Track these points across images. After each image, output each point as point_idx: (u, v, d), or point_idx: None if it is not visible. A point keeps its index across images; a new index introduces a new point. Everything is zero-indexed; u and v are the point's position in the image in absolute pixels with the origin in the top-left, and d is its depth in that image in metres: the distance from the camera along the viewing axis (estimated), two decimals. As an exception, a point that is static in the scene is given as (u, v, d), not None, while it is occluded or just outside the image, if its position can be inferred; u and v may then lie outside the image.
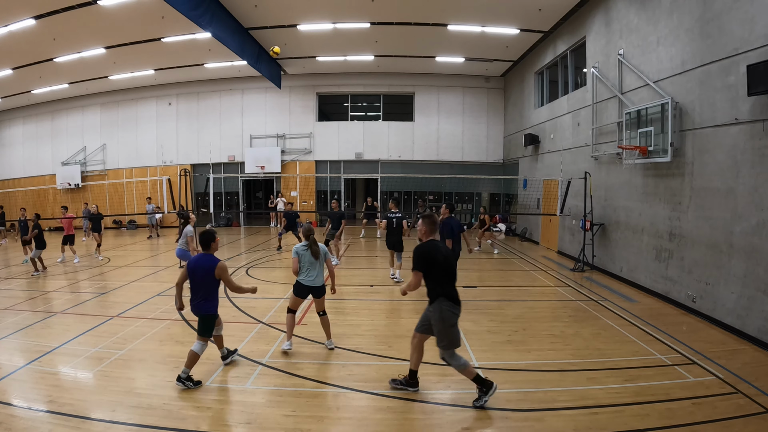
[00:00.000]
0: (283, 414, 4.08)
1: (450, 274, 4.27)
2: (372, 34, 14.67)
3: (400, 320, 6.93)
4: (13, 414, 4.02)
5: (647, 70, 8.68)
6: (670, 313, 7.34)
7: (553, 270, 10.84)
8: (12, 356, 5.41)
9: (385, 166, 20.03)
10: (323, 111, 21.08)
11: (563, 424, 3.93)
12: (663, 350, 5.63)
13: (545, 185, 14.37)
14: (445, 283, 4.20)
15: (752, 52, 6.01)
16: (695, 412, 4.12)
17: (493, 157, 20.18)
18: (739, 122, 6.30)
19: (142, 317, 6.94)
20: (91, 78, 18.36)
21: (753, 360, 5.35)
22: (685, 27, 7.51)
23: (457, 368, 4.25)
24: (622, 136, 9.45)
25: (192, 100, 20.81)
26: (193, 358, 4.57)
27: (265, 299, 8.09)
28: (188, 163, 20.43)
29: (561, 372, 4.98)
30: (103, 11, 11.79)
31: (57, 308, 7.50)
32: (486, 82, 19.96)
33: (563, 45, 13.26)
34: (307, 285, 5.35)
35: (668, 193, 8.03)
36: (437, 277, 4.18)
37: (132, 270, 10.93)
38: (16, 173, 22.40)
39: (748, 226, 6.10)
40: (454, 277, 4.34)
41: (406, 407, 4.23)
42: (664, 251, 8.09)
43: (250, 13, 12.92)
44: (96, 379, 4.77)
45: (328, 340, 5.63)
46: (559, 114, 13.52)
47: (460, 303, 4.26)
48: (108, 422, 3.89)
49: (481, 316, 7.08)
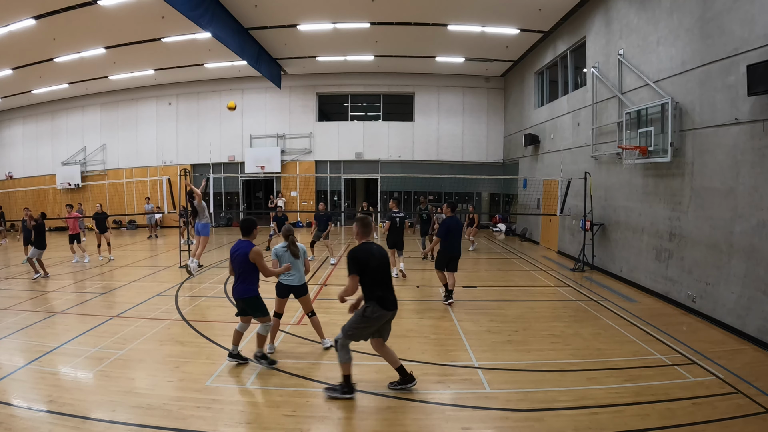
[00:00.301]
0: (283, 414, 4.08)
1: (383, 276, 4.27)
2: (372, 34, 14.67)
3: (400, 320, 6.92)
4: (13, 414, 4.02)
5: (647, 70, 8.69)
6: (670, 313, 7.34)
7: (553, 270, 10.85)
8: (12, 356, 5.41)
9: (385, 166, 20.03)
10: (323, 111, 21.09)
11: (563, 424, 3.92)
12: (663, 350, 5.63)
13: (545, 185, 14.37)
14: (378, 286, 4.22)
15: (752, 52, 6.01)
16: (695, 412, 4.12)
17: (493, 157, 20.18)
18: (739, 122, 6.30)
19: (142, 317, 6.94)
20: (91, 78, 18.37)
21: (753, 360, 5.35)
22: (685, 27, 7.51)
23: (340, 359, 4.29)
24: (622, 136, 9.45)
25: (192, 100, 20.82)
26: (262, 339, 5.04)
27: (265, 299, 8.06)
28: (188, 163, 20.42)
29: (561, 372, 4.98)
30: (103, 11, 11.79)
31: (57, 308, 7.50)
32: (486, 82, 19.96)
33: (563, 45, 13.27)
34: (287, 284, 5.39)
35: (668, 193, 8.03)
36: (371, 280, 4.20)
37: (132, 270, 10.93)
38: (16, 173, 22.41)
39: (748, 226, 6.10)
40: (388, 279, 4.34)
41: (406, 407, 4.23)
42: (664, 251, 8.09)
43: (250, 13, 12.92)
44: (96, 379, 4.77)
45: (323, 339, 5.63)
46: (559, 114, 13.52)
47: (393, 307, 4.29)
48: (108, 422, 3.89)
49: (481, 316, 7.08)
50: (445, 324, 6.67)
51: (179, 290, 8.71)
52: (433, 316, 7.11)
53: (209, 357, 5.34)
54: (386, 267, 4.34)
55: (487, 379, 4.80)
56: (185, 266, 9.60)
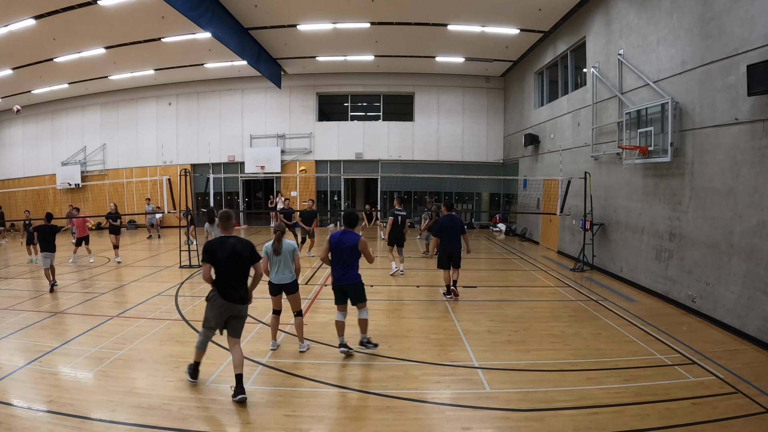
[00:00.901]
0: (283, 414, 4.08)
1: (230, 269, 4.38)
2: (372, 34, 14.67)
3: (400, 320, 6.93)
4: (13, 414, 4.02)
5: (647, 70, 8.68)
6: (670, 313, 7.34)
7: (553, 270, 10.85)
8: (12, 356, 5.41)
9: (385, 166, 20.03)
10: (323, 111, 21.09)
11: (563, 424, 3.93)
12: (663, 350, 5.63)
13: (545, 185, 14.37)
14: (222, 276, 4.39)
15: (752, 52, 6.01)
16: (695, 412, 4.12)
17: (493, 157, 20.18)
18: (739, 122, 6.30)
19: (142, 317, 6.94)
20: (91, 78, 18.37)
21: (753, 360, 5.35)
22: (685, 27, 7.51)
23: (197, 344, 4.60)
24: (622, 136, 9.45)
25: (192, 100, 20.81)
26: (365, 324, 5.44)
27: (265, 299, 8.07)
28: (188, 163, 20.41)
29: (561, 372, 4.98)
30: (103, 11, 11.79)
31: (57, 308, 7.50)
32: (486, 82, 19.96)
33: (563, 45, 13.26)
34: (277, 283, 5.43)
35: (668, 193, 8.03)
36: (218, 270, 4.40)
37: (132, 270, 10.93)
38: (16, 173, 22.42)
39: (748, 226, 6.10)
40: (237, 273, 4.42)
41: (406, 407, 4.23)
42: (664, 251, 8.09)
43: (250, 13, 12.92)
44: (96, 379, 4.77)
45: (301, 343, 5.55)
46: (559, 114, 13.52)
47: (232, 300, 4.36)
48: (108, 422, 3.89)
49: (481, 316, 7.08)
50: (445, 324, 6.67)
51: (179, 290, 8.72)
52: (433, 316, 7.12)
53: (209, 357, 5.32)
54: (237, 261, 4.39)
55: (487, 379, 4.80)
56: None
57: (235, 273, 4.41)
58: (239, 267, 4.42)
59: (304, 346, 5.56)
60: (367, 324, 5.47)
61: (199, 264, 10.77)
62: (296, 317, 5.56)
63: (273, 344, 5.59)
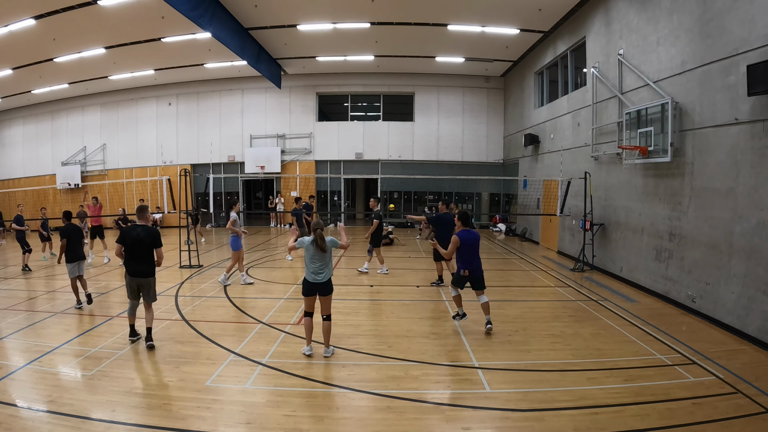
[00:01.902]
0: (283, 414, 4.08)
1: (135, 251, 5.65)
2: (372, 34, 14.67)
3: (400, 320, 6.93)
4: (13, 414, 4.02)
5: (647, 70, 8.68)
6: (670, 313, 7.34)
7: (553, 270, 10.84)
8: (12, 356, 5.41)
9: (385, 166, 20.04)
10: (323, 111, 21.09)
11: (563, 424, 3.92)
12: (663, 350, 5.63)
13: (545, 185, 14.37)
14: (131, 257, 5.68)
15: (752, 52, 6.01)
16: (695, 412, 4.12)
17: (493, 157, 20.18)
18: (739, 122, 6.30)
19: (141, 317, 6.91)
20: (91, 78, 18.36)
21: (753, 360, 5.35)
22: (685, 27, 7.51)
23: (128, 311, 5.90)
24: (622, 136, 9.45)
25: (192, 100, 20.81)
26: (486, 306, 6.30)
27: (265, 299, 8.10)
28: (188, 163, 20.41)
29: (561, 372, 4.98)
30: (103, 11, 11.79)
31: (57, 308, 7.50)
32: (486, 82, 19.96)
33: (563, 45, 13.26)
34: (311, 281, 5.20)
35: (668, 193, 8.03)
36: (128, 251, 5.70)
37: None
38: (16, 173, 22.40)
39: (748, 226, 6.10)
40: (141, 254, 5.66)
41: (406, 407, 4.23)
42: (664, 251, 8.09)
43: (250, 13, 12.92)
44: (96, 379, 4.77)
45: (326, 348, 5.36)
46: (559, 114, 13.52)
47: (135, 275, 5.68)
48: (108, 422, 3.88)
49: (481, 316, 7.06)
50: (445, 324, 6.67)
51: (179, 290, 8.72)
52: (433, 316, 7.12)
53: (209, 357, 5.34)
54: (141, 245, 5.64)
55: (487, 379, 4.80)
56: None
57: (138, 253, 5.66)
58: (141, 249, 5.66)
59: (329, 351, 5.35)
60: (488, 307, 6.27)
61: (200, 264, 11.04)
62: (325, 321, 5.32)
63: (307, 349, 5.32)
